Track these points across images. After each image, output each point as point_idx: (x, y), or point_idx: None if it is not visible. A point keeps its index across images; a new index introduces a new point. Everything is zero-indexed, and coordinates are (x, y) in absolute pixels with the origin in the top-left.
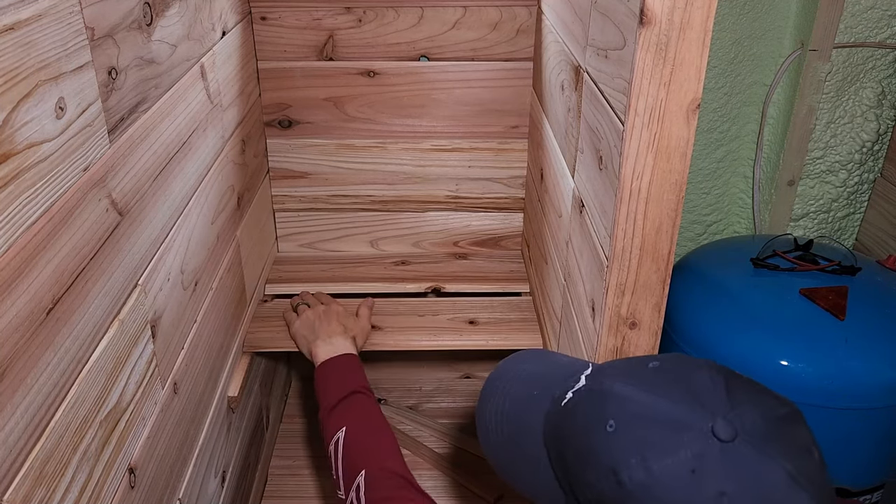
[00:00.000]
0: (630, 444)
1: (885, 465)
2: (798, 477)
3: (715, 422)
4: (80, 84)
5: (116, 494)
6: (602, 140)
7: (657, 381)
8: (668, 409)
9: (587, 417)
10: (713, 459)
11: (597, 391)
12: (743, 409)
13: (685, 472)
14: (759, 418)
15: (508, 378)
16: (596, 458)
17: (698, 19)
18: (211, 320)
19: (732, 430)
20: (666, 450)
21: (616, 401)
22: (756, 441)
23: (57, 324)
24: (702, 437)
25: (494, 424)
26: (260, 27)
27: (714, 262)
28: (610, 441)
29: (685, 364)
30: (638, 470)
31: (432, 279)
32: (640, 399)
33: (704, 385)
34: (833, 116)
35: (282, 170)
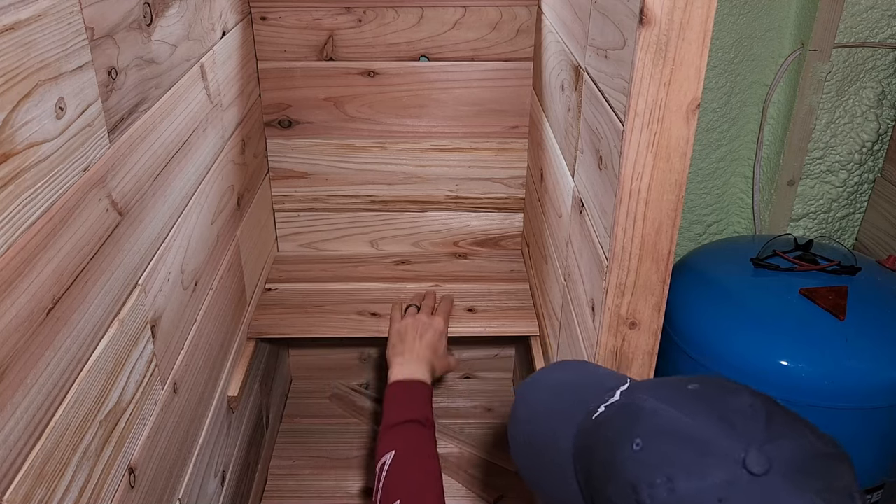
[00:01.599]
0: (655, 463)
1: (885, 465)
2: None
3: (748, 451)
4: (80, 84)
5: (116, 494)
6: (602, 140)
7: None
8: (701, 432)
9: (616, 432)
10: (741, 490)
11: (629, 406)
12: (781, 441)
13: (712, 500)
14: (797, 452)
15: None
16: (618, 473)
17: (698, 19)
18: (211, 320)
19: (766, 462)
20: (693, 473)
21: (647, 417)
22: (791, 476)
23: (57, 324)
24: (732, 465)
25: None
26: (260, 27)
27: (714, 262)
28: (635, 458)
29: (725, 388)
30: (661, 490)
31: (432, 279)
32: (672, 417)
33: (743, 412)
34: (833, 116)
35: (282, 170)
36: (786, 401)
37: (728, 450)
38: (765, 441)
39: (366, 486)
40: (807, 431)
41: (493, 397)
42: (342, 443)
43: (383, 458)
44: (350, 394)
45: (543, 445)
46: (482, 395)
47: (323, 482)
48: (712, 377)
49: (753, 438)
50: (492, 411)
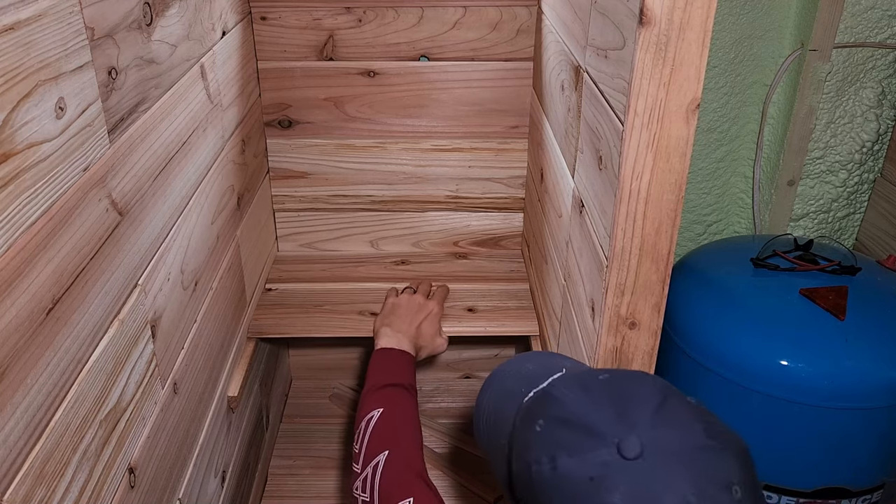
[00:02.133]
0: (547, 443)
1: (885, 465)
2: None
3: (627, 436)
4: (80, 84)
5: (116, 494)
6: (602, 140)
7: (597, 392)
8: (591, 418)
9: (528, 415)
10: (615, 472)
11: (545, 392)
12: (663, 430)
13: (584, 478)
14: (676, 441)
15: (508, 373)
16: (522, 451)
17: (698, 19)
18: (211, 320)
19: (639, 447)
20: (573, 453)
21: (552, 403)
22: (663, 462)
23: (57, 324)
24: (609, 448)
25: (485, 409)
26: (260, 27)
27: (714, 262)
28: (535, 438)
29: (633, 380)
30: (545, 467)
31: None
32: (571, 404)
33: (637, 401)
34: (833, 116)
35: (282, 170)
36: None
37: (609, 434)
38: (647, 428)
39: None
40: (697, 424)
41: None
42: (342, 443)
43: (370, 413)
44: (350, 394)
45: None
46: None
47: (323, 482)
48: (630, 371)
49: (636, 425)
50: None
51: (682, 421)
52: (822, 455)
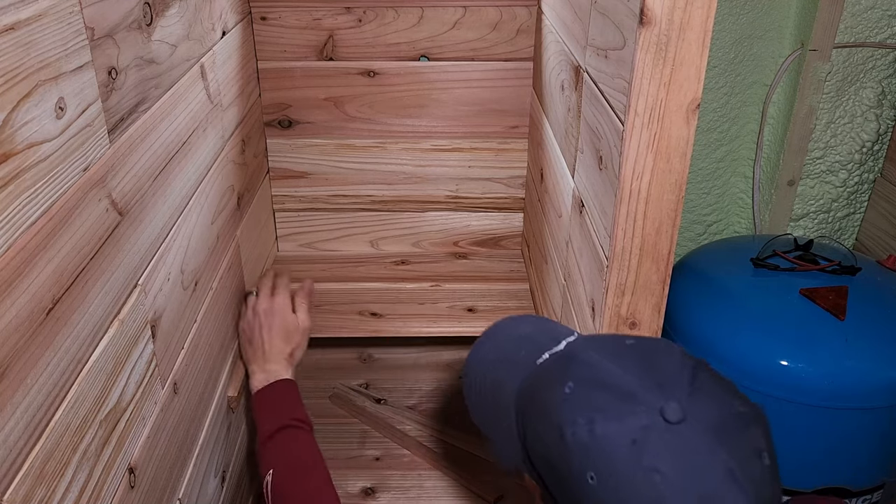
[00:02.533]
0: (581, 406)
1: (885, 465)
2: (738, 475)
3: (667, 402)
4: (80, 84)
5: (116, 494)
6: (602, 140)
7: (626, 356)
8: (627, 382)
9: (552, 376)
10: (656, 436)
11: (568, 354)
12: (700, 397)
13: (626, 441)
14: (713, 410)
15: (503, 334)
16: (548, 413)
17: (698, 19)
18: (211, 320)
19: (682, 413)
20: (613, 416)
21: (581, 365)
22: (704, 430)
23: (57, 324)
24: (651, 413)
25: (479, 372)
26: (260, 27)
27: (714, 262)
28: (565, 400)
29: (660, 347)
30: (582, 429)
31: (432, 279)
32: (604, 367)
33: (670, 368)
34: (833, 116)
35: (282, 170)
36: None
37: (649, 399)
38: (685, 396)
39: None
40: (729, 394)
41: None
42: (342, 443)
43: (265, 478)
44: (350, 394)
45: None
46: None
47: None
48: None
49: (674, 392)
50: None
51: (718, 390)
52: (822, 455)
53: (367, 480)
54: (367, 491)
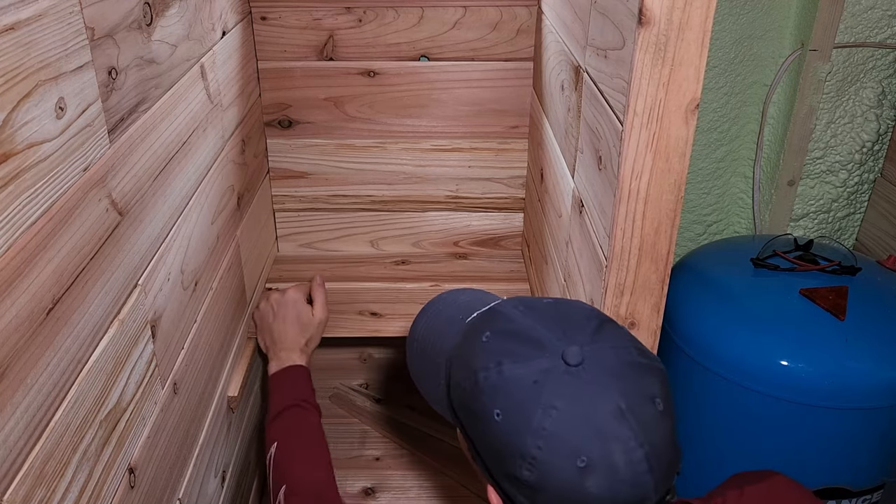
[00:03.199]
0: (494, 353)
1: (885, 465)
2: (627, 414)
3: (569, 347)
4: (80, 84)
5: (116, 494)
6: (601, 140)
7: (542, 312)
8: (536, 332)
9: (474, 329)
10: (555, 377)
11: (491, 310)
12: (601, 345)
13: (529, 382)
14: (612, 357)
15: (446, 302)
16: (466, 361)
17: (697, 19)
18: (211, 320)
19: (580, 357)
20: (520, 361)
21: (499, 318)
22: (599, 373)
23: (57, 324)
24: (553, 358)
25: (420, 335)
26: (260, 27)
27: (714, 262)
28: (482, 349)
29: (574, 304)
30: (492, 373)
31: (432, 279)
32: (518, 320)
33: (579, 321)
34: (833, 116)
35: (282, 170)
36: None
37: (554, 346)
38: (587, 343)
39: (366, 486)
40: (629, 346)
41: None
42: (342, 443)
43: (269, 451)
44: (350, 394)
45: (431, 348)
46: None
47: None
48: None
49: (577, 340)
50: None
51: (618, 341)
52: (822, 455)
53: (367, 480)
54: (367, 491)
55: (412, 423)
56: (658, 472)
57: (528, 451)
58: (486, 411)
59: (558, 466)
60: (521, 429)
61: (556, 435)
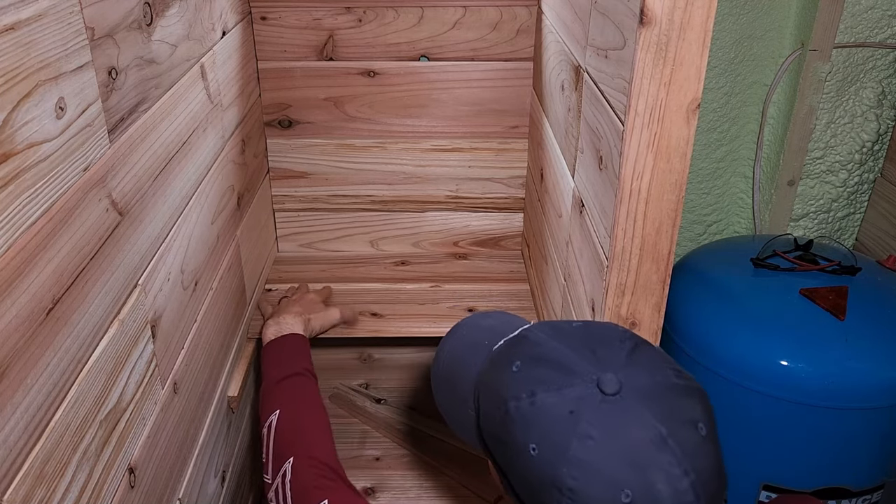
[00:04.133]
0: (525, 381)
1: (885, 465)
2: (669, 441)
3: (603, 374)
4: (80, 84)
5: (116, 494)
6: (602, 140)
7: (571, 336)
8: (567, 358)
9: (502, 357)
10: (591, 406)
11: (518, 337)
12: (635, 369)
13: (564, 411)
14: (647, 381)
15: (469, 327)
16: (496, 390)
17: (698, 19)
18: (211, 320)
19: (617, 385)
20: (553, 389)
21: (528, 345)
22: (636, 399)
23: (57, 324)
24: (588, 385)
25: (445, 362)
26: (260, 27)
27: (714, 262)
28: (512, 378)
29: (605, 328)
30: (524, 403)
31: (432, 279)
32: (548, 345)
33: (611, 345)
34: (833, 116)
35: (282, 170)
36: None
37: (587, 373)
38: (621, 368)
39: (366, 486)
40: (666, 368)
41: None
42: (342, 443)
43: (269, 418)
44: (350, 394)
45: (457, 376)
46: None
47: None
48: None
49: (612, 366)
50: None
51: (654, 364)
52: (822, 455)
53: (367, 480)
54: (366, 491)
55: (412, 423)
56: (705, 500)
57: (564, 483)
58: (518, 442)
59: (598, 499)
60: (557, 460)
61: (594, 466)
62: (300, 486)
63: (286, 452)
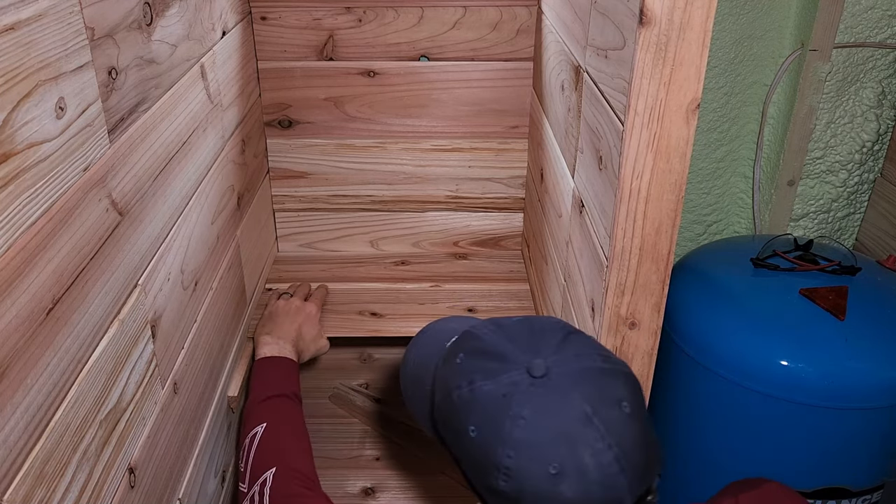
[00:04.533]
0: (466, 371)
1: (885, 465)
2: (594, 418)
3: (535, 359)
4: (80, 84)
5: (116, 494)
6: (602, 140)
7: (512, 329)
8: (504, 349)
9: (450, 352)
10: (522, 389)
11: (466, 332)
12: (565, 356)
13: (498, 396)
14: (575, 366)
15: (434, 330)
16: (442, 381)
17: (698, 19)
18: (211, 320)
19: (544, 369)
20: (489, 377)
21: (471, 339)
22: (563, 381)
23: (57, 324)
24: (520, 371)
25: (410, 363)
26: (260, 27)
27: (714, 262)
28: (456, 369)
29: (543, 321)
30: (465, 390)
31: (432, 279)
32: (488, 339)
33: (545, 335)
34: (833, 116)
35: (282, 170)
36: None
37: (520, 360)
38: (551, 355)
39: (366, 486)
40: (593, 353)
41: None
42: (342, 443)
43: (253, 430)
44: (350, 394)
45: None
46: None
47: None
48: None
49: (542, 353)
50: None
51: (582, 349)
52: (822, 455)
53: (367, 480)
54: (367, 491)
55: (412, 423)
56: (630, 472)
57: (501, 462)
58: (461, 427)
59: (532, 474)
60: (494, 441)
61: (526, 444)
62: (279, 494)
63: (268, 462)
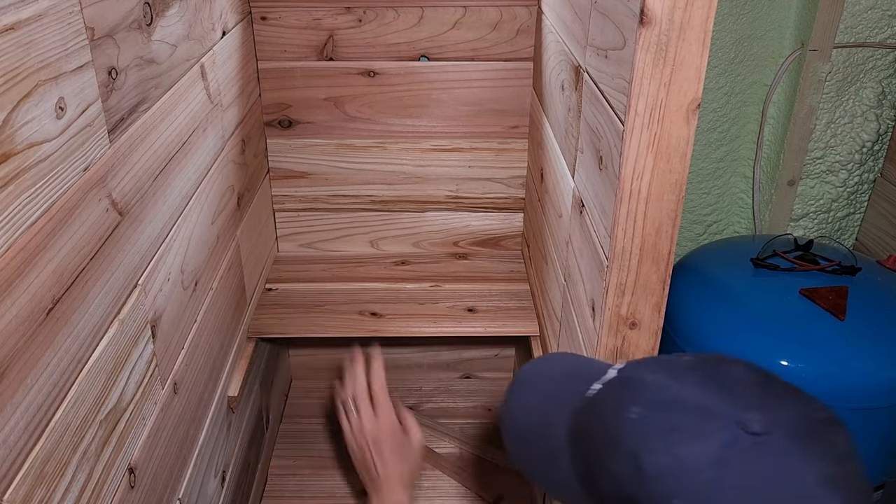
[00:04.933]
0: (654, 430)
1: (886, 465)
2: (833, 480)
3: (748, 413)
4: (80, 84)
5: (116, 494)
6: (602, 140)
7: (688, 373)
8: (697, 399)
9: (612, 405)
10: (744, 451)
11: (623, 379)
12: (778, 405)
13: (711, 462)
14: (795, 417)
15: (539, 375)
16: (617, 444)
17: (698, 19)
18: (211, 320)
19: (766, 423)
20: (693, 437)
21: (641, 387)
22: (790, 439)
23: (57, 324)
24: (732, 427)
25: (520, 417)
26: (260, 27)
27: (714, 262)
28: (633, 427)
29: (720, 360)
30: (661, 455)
31: (432, 279)
32: (668, 386)
33: (738, 379)
34: (833, 116)
35: (282, 170)
36: None
37: (727, 413)
38: (762, 405)
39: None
40: (803, 398)
41: (493, 397)
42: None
43: None
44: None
45: (538, 433)
46: (482, 395)
47: (323, 482)
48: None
49: (751, 403)
50: (492, 411)
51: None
52: None
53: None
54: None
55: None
56: None
57: None
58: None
59: None
60: None
61: None
62: None
63: None
